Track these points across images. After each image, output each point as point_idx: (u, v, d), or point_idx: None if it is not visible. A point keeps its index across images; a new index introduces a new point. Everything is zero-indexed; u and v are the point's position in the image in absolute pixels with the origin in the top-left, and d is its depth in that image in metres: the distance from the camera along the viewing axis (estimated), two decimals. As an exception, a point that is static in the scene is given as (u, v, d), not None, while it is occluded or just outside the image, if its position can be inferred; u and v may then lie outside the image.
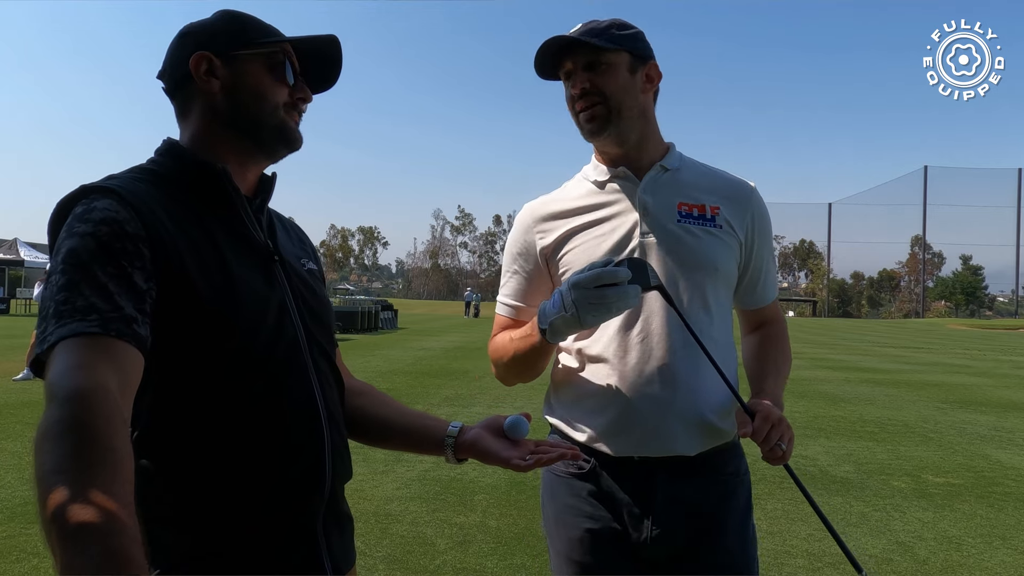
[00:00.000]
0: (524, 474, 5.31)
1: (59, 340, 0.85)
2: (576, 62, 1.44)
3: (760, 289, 1.59)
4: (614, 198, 1.50)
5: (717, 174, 1.56)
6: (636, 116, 1.47)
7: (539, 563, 3.68)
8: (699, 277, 1.44)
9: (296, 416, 1.08)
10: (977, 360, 19.11)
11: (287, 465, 1.06)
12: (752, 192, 1.55)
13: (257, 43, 1.14)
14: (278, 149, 1.17)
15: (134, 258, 0.94)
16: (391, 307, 28.89)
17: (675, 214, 1.47)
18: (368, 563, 3.60)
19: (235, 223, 1.11)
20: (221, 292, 1.02)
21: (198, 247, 1.02)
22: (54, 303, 0.88)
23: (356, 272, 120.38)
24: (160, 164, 1.11)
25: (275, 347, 1.07)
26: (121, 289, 0.90)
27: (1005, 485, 5.55)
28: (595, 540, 1.45)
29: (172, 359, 0.99)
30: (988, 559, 3.93)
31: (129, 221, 0.96)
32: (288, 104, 1.16)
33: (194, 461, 1.01)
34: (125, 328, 0.88)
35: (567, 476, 1.51)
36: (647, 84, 1.49)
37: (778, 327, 1.63)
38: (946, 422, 8.42)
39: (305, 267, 1.23)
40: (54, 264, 0.93)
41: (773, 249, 1.61)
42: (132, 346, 0.88)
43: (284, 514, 1.06)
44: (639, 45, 1.48)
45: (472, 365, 13.59)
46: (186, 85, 1.13)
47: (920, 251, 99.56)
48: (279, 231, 1.22)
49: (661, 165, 1.51)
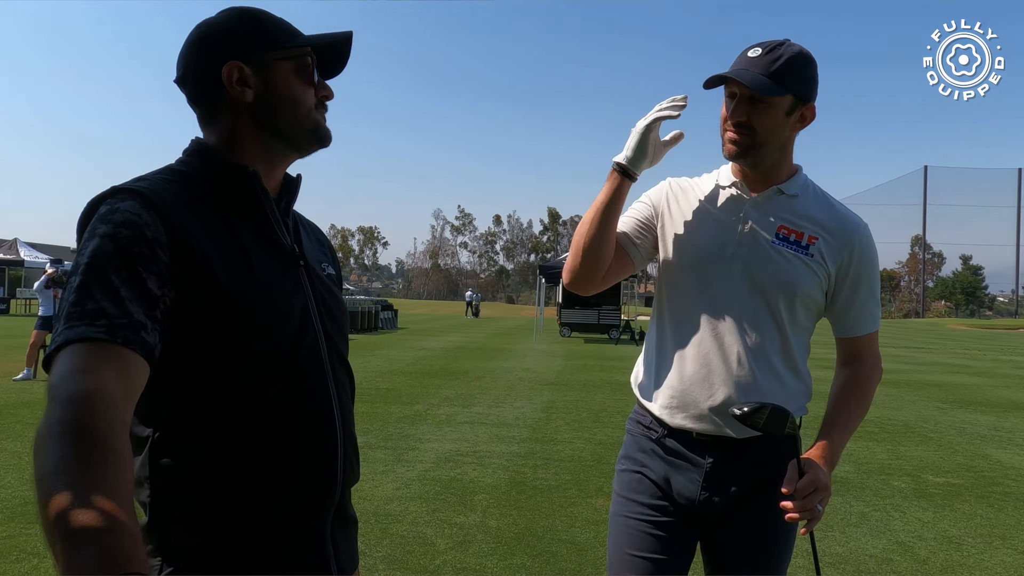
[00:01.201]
0: (524, 474, 5.33)
1: (66, 343, 0.85)
2: (743, 91, 1.52)
3: (850, 320, 1.64)
4: (728, 204, 1.63)
5: (832, 207, 1.63)
6: (775, 149, 1.58)
7: (539, 563, 3.68)
8: (777, 295, 1.56)
9: (312, 422, 1.09)
10: (977, 360, 19.12)
11: (301, 471, 1.07)
12: (857, 230, 1.61)
13: (285, 46, 1.14)
14: (312, 148, 1.19)
15: (150, 263, 0.94)
16: (391, 307, 28.88)
17: (773, 234, 1.58)
18: (368, 563, 3.60)
19: (263, 226, 1.12)
20: (248, 297, 1.03)
21: (226, 251, 1.03)
22: (67, 304, 0.89)
23: (356, 272, 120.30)
24: (189, 165, 1.11)
25: (296, 353, 1.08)
26: (133, 294, 0.90)
27: (1005, 485, 5.55)
28: (649, 484, 1.65)
29: (194, 361, 1.00)
30: (988, 559, 3.93)
31: (150, 225, 0.95)
32: (317, 103, 1.17)
33: (212, 463, 1.02)
34: (132, 335, 0.88)
35: (641, 436, 1.70)
36: (798, 124, 1.59)
37: (865, 368, 1.66)
38: (946, 422, 8.42)
39: (325, 271, 1.24)
40: (75, 264, 0.93)
41: (872, 288, 1.64)
42: (137, 353, 0.88)
43: (295, 517, 1.08)
44: (804, 88, 1.54)
45: (472, 365, 13.59)
46: (215, 93, 1.12)
47: (920, 251, 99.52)
48: (303, 234, 1.23)
49: (779, 188, 1.61)
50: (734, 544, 1.62)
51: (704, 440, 1.60)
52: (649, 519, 1.63)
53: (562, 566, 3.65)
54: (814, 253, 1.57)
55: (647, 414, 1.69)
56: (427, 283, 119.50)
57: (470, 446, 6.30)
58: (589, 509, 4.57)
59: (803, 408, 1.64)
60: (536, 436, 6.83)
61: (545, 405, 8.77)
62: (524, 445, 6.40)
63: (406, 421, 7.42)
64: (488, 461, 5.77)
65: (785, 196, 1.61)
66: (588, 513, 4.49)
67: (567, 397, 9.55)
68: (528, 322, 35.19)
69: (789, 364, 1.60)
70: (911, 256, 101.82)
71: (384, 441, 6.37)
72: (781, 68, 1.49)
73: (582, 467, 5.66)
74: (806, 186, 1.65)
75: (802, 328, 1.61)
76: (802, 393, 1.63)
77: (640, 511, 1.65)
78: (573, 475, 5.41)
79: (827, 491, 1.43)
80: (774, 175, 1.62)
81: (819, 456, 1.50)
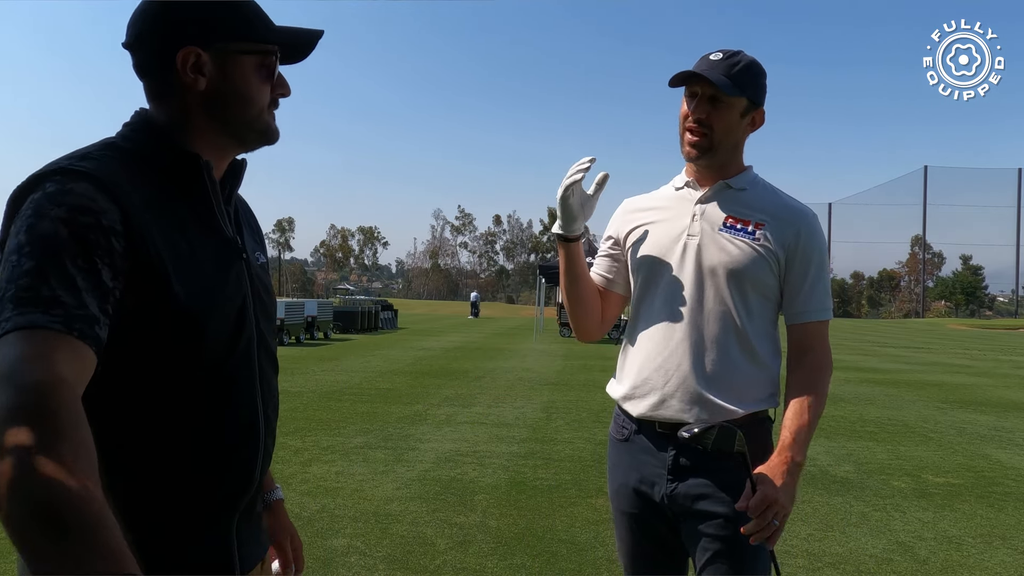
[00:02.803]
0: (524, 474, 5.33)
1: (16, 328, 0.79)
2: (704, 91, 1.63)
3: (798, 304, 1.66)
4: (681, 203, 1.73)
5: (779, 198, 1.71)
6: (729, 149, 1.69)
7: (539, 563, 3.68)
8: (727, 280, 1.62)
9: (237, 425, 1.06)
10: (977, 360, 19.12)
11: (220, 474, 1.04)
12: (803, 216, 1.68)
13: (251, 40, 1.07)
14: (257, 146, 1.14)
15: (105, 254, 0.88)
16: (391, 307, 28.88)
17: (721, 223, 1.66)
18: (368, 563, 3.60)
19: (209, 218, 1.07)
20: (193, 294, 0.98)
21: (175, 246, 0.98)
22: (15, 287, 0.82)
23: (356, 272, 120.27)
24: (136, 143, 1.03)
25: (231, 353, 1.05)
26: (89, 285, 0.85)
27: (1005, 485, 5.55)
28: (627, 493, 1.72)
29: (126, 357, 0.95)
30: (988, 559, 3.93)
31: (106, 212, 0.90)
32: (270, 102, 1.11)
33: (130, 462, 0.98)
34: (87, 329, 0.83)
35: (615, 439, 1.79)
36: (749, 127, 1.71)
37: (815, 361, 1.65)
38: (946, 422, 8.42)
39: (259, 261, 1.20)
40: (17, 243, 0.85)
41: (820, 273, 1.66)
42: (91, 348, 0.84)
43: (210, 518, 1.05)
44: (758, 94, 1.67)
45: (472, 365, 13.59)
46: (167, 72, 1.04)
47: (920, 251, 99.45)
48: (243, 223, 1.18)
49: (726, 183, 1.70)
50: (710, 533, 1.62)
51: (666, 432, 1.64)
52: (634, 528, 1.73)
53: (562, 566, 3.65)
54: (760, 237, 1.63)
55: (617, 409, 1.78)
56: (427, 283, 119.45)
57: (470, 446, 6.29)
58: (589, 509, 4.57)
59: (770, 399, 1.66)
60: (536, 436, 6.83)
61: (545, 405, 8.77)
62: (524, 445, 6.40)
63: (406, 421, 7.42)
64: (488, 461, 5.76)
65: (733, 190, 1.70)
66: (588, 513, 4.49)
67: (567, 397, 9.54)
68: (528, 322, 35.17)
69: (746, 351, 1.62)
70: (911, 256, 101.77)
71: (384, 441, 6.36)
72: (740, 72, 1.62)
73: (582, 467, 5.66)
74: (755, 181, 1.73)
75: (758, 315, 1.64)
76: (763, 381, 1.65)
77: (626, 522, 1.74)
78: (573, 475, 5.41)
79: (781, 506, 1.42)
80: (724, 172, 1.71)
81: (778, 465, 1.49)
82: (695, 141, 1.65)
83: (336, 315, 22.07)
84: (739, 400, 1.61)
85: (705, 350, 1.62)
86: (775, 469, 1.49)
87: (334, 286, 70.24)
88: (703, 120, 1.63)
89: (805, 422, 1.56)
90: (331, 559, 3.64)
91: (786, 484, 1.47)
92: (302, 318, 18.48)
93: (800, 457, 1.52)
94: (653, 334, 1.68)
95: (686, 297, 1.64)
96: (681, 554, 1.71)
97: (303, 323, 18.49)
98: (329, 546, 3.81)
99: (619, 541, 1.79)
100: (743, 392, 1.62)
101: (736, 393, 1.61)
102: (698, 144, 1.65)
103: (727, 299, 1.62)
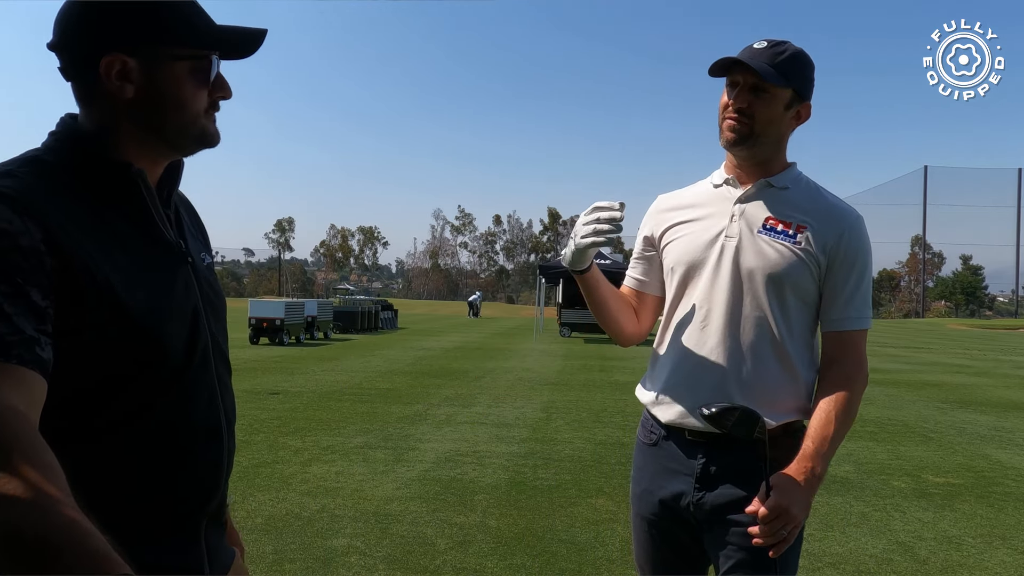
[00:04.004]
0: (524, 474, 5.33)
1: None
2: (746, 80, 1.53)
3: (836, 310, 1.58)
4: (719, 202, 1.65)
5: (823, 198, 1.63)
6: (772, 142, 1.60)
7: (539, 563, 3.68)
8: (766, 285, 1.56)
9: (200, 431, 1.05)
10: (977, 360, 19.11)
11: (186, 479, 1.04)
12: (847, 217, 1.59)
13: (185, 44, 1.00)
14: (195, 151, 1.08)
15: (29, 274, 0.84)
16: (391, 307, 28.85)
17: (761, 225, 1.58)
18: (368, 563, 3.60)
19: (147, 226, 1.02)
20: (142, 307, 0.95)
21: (113, 258, 0.94)
22: None
23: (356, 272, 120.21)
24: (61, 155, 0.98)
25: (190, 361, 1.03)
26: (19, 309, 0.82)
27: (1005, 485, 5.55)
28: (650, 500, 1.68)
29: (80, 373, 0.92)
30: (988, 559, 3.93)
31: (24, 233, 0.85)
32: (207, 107, 1.05)
33: (94, 473, 0.94)
34: (27, 353, 0.81)
35: (643, 443, 1.73)
36: (794, 120, 1.61)
37: (846, 370, 1.57)
38: (946, 422, 8.42)
39: (205, 262, 1.16)
40: None
41: (861, 279, 1.58)
42: (36, 372, 0.81)
43: (176, 522, 1.04)
44: (804, 86, 1.58)
45: (472, 365, 13.59)
46: (91, 76, 0.98)
47: (920, 251, 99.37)
48: (185, 224, 1.14)
49: (767, 181, 1.62)
50: (735, 542, 1.57)
51: (696, 440, 1.59)
52: (654, 533, 1.69)
53: (562, 566, 3.65)
54: (801, 241, 1.55)
55: (645, 413, 1.73)
56: (427, 283, 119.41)
57: (470, 446, 6.29)
58: (589, 509, 4.58)
59: (805, 410, 1.59)
60: (536, 436, 6.83)
61: (545, 405, 8.77)
62: (524, 445, 6.41)
63: (406, 421, 7.42)
64: (488, 461, 5.77)
65: (775, 189, 1.61)
66: (588, 513, 4.49)
67: (567, 397, 9.54)
68: (528, 322, 35.16)
69: (782, 360, 1.56)
70: (911, 256, 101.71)
71: (384, 441, 6.36)
72: (785, 61, 1.52)
73: (582, 467, 5.66)
74: (798, 180, 1.64)
75: (796, 323, 1.58)
76: (798, 392, 1.59)
77: (646, 527, 1.70)
78: (573, 475, 5.41)
79: (792, 516, 1.38)
80: (766, 169, 1.63)
81: (796, 473, 1.44)
82: (735, 127, 1.55)
83: (336, 315, 22.06)
84: (772, 410, 1.54)
85: (739, 358, 1.56)
86: (793, 478, 1.43)
87: (334, 286, 70.23)
88: (744, 110, 1.54)
89: (830, 433, 1.49)
90: (331, 559, 3.64)
91: (802, 494, 1.41)
92: (302, 318, 18.46)
93: (821, 468, 1.46)
94: (686, 339, 1.62)
95: (721, 302, 1.58)
96: (703, 561, 1.67)
97: (303, 323, 18.48)
98: (329, 546, 3.81)
99: (637, 545, 1.75)
100: (777, 402, 1.56)
101: (769, 403, 1.54)
102: (737, 130, 1.55)
103: (764, 305, 1.55)
